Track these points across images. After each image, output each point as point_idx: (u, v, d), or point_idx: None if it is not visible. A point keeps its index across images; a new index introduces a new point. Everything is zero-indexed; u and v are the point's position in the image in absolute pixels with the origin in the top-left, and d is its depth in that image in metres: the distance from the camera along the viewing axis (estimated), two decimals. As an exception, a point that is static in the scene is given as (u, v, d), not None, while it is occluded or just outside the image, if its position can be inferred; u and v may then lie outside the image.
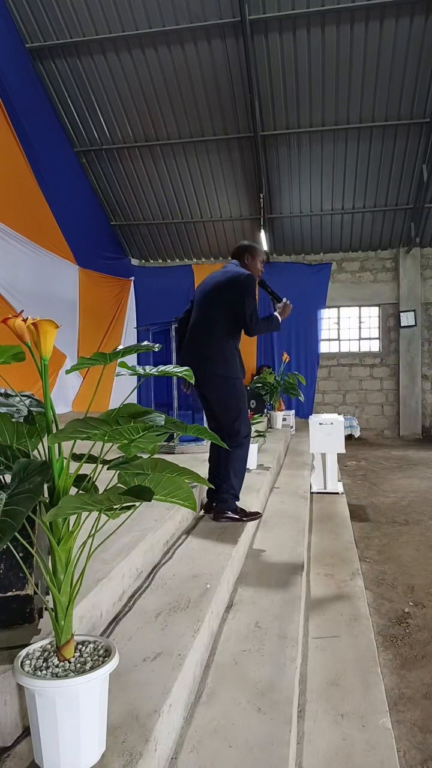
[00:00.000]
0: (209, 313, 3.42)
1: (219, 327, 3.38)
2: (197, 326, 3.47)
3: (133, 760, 1.30)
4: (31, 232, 8.39)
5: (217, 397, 3.40)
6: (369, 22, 8.02)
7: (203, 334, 3.41)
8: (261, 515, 3.64)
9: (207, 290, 3.49)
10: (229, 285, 3.37)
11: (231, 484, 3.39)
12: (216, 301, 3.40)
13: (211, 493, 3.48)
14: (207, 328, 3.40)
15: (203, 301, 3.49)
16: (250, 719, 1.67)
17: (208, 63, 8.74)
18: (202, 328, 3.43)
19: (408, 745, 2.14)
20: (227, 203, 11.17)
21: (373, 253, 12.30)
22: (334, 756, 1.71)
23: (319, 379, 12.51)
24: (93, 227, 10.95)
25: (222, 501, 3.36)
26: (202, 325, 3.44)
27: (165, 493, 1.38)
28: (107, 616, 2.01)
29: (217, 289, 3.43)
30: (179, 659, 1.75)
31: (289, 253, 12.48)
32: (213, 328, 3.39)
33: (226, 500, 3.37)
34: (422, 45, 8.20)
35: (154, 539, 2.67)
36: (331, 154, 10.05)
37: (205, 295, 3.48)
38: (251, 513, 3.45)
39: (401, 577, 4.04)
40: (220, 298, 3.39)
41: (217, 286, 3.43)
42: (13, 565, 1.53)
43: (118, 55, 8.77)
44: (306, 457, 6.75)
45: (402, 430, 12.26)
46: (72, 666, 1.28)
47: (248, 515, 3.42)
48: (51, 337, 1.30)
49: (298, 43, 8.34)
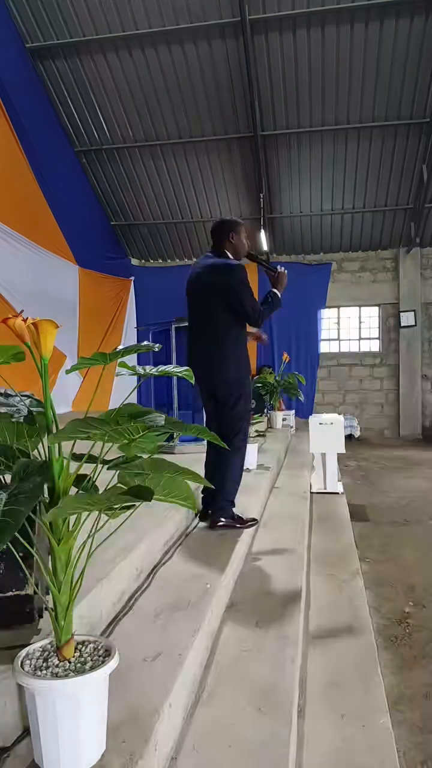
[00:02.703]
0: (210, 317, 3.28)
1: (224, 330, 3.26)
2: (202, 331, 3.34)
3: (133, 760, 1.30)
4: (31, 232, 8.38)
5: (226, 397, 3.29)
6: (369, 22, 8.02)
7: (211, 340, 3.28)
8: (258, 522, 3.57)
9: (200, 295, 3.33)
10: (221, 286, 3.22)
11: (228, 491, 3.28)
12: (214, 306, 3.26)
13: (206, 501, 3.37)
14: (213, 333, 3.27)
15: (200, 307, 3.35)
16: (250, 719, 1.67)
17: (208, 63, 8.74)
18: (207, 333, 3.30)
19: (408, 745, 2.14)
20: (227, 203, 11.17)
21: (373, 253, 12.29)
22: (334, 756, 1.71)
23: (319, 379, 12.51)
24: (93, 227, 10.94)
25: (219, 508, 3.25)
26: (207, 329, 3.30)
27: (165, 493, 1.38)
28: (107, 616, 2.01)
29: (210, 293, 3.26)
30: (179, 659, 1.75)
31: (289, 253, 12.48)
32: (218, 332, 3.26)
33: (224, 507, 3.26)
34: (422, 45, 8.20)
35: (154, 539, 2.67)
36: (331, 154, 10.05)
37: (200, 299, 3.33)
38: (248, 520, 3.35)
39: (401, 577, 4.04)
40: (217, 303, 3.24)
41: (208, 291, 3.27)
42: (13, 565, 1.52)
43: (118, 55, 8.77)
44: (306, 457, 6.75)
45: (402, 430, 12.25)
46: (72, 666, 1.28)
47: (245, 522, 3.31)
48: (51, 337, 1.30)
49: (298, 43, 8.34)
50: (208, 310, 3.29)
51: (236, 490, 3.35)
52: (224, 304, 3.24)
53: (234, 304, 3.23)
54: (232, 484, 3.30)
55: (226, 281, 3.22)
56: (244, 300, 3.20)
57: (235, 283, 3.20)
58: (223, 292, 3.22)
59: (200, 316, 3.37)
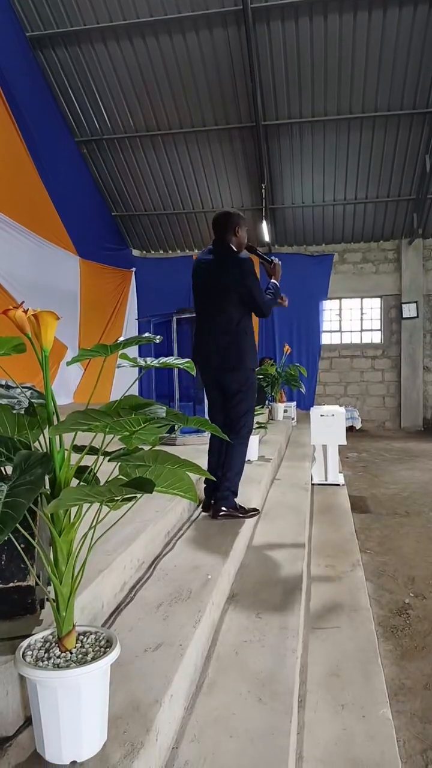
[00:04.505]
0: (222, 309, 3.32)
1: (236, 321, 3.31)
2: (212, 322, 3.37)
3: (135, 749, 1.30)
4: (32, 222, 8.36)
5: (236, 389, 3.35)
6: (372, 11, 7.94)
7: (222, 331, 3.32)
8: (259, 512, 3.61)
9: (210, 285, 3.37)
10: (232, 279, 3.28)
11: (231, 482, 3.34)
12: (225, 298, 3.31)
13: (209, 491, 3.42)
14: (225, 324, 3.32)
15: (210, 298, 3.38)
16: (250, 709, 1.68)
17: (209, 52, 8.67)
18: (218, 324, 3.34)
19: (408, 735, 2.16)
20: (229, 193, 11.12)
21: (375, 244, 12.25)
22: (335, 746, 1.72)
23: (321, 370, 12.50)
24: (94, 218, 10.90)
25: (221, 498, 3.30)
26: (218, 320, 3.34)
27: (166, 484, 1.38)
28: (108, 607, 2.02)
29: (220, 285, 3.32)
30: (180, 650, 1.75)
31: (290, 244, 12.44)
32: (230, 324, 3.31)
33: (226, 497, 3.31)
34: (425, 34, 8.13)
35: (156, 530, 2.67)
36: (333, 144, 9.99)
37: (210, 291, 3.37)
38: (250, 509, 3.40)
39: (402, 568, 4.05)
40: (228, 295, 3.30)
41: (219, 283, 3.33)
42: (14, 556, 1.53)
43: (119, 44, 8.71)
44: (307, 449, 6.75)
45: (403, 422, 12.26)
46: (73, 657, 1.29)
47: (247, 512, 3.36)
48: (52, 328, 1.29)
49: (300, 32, 8.27)
50: (219, 302, 3.34)
51: (239, 480, 3.40)
52: (235, 297, 3.30)
53: (245, 296, 3.29)
54: (236, 474, 3.36)
55: (237, 274, 3.28)
56: (255, 293, 3.28)
57: (246, 276, 3.28)
58: (234, 285, 3.29)
59: (210, 308, 3.40)
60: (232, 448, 3.32)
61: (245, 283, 3.27)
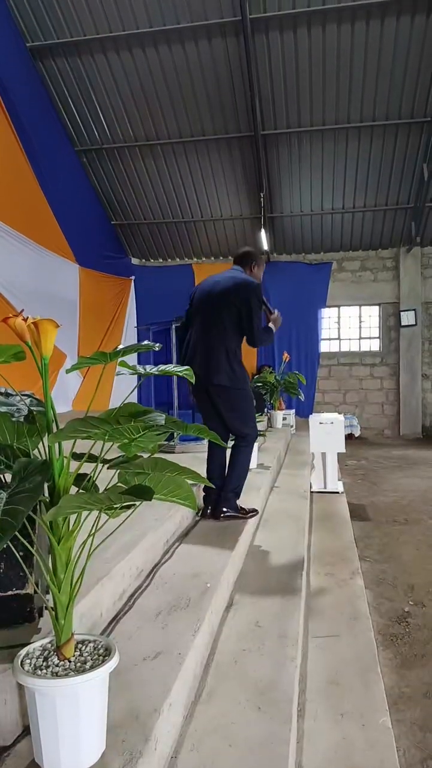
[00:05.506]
0: (218, 321, 3.36)
1: (228, 336, 3.35)
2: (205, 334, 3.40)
3: (133, 759, 1.30)
4: (32, 231, 8.38)
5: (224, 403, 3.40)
6: (370, 21, 8.00)
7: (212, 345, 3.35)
8: (258, 512, 3.68)
9: (213, 295, 3.40)
10: (239, 292, 3.33)
11: (235, 485, 3.43)
12: (224, 308, 3.34)
13: (207, 499, 3.49)
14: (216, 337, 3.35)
15: (210, 307, 3.41)
16: (250, 718, 1.67)
17: (208, 62, 8.73)
18: (210, 336, 3.37)
19: (408, 744, 2.15)
20: (228, 202, 11.17)
21: (373, 253, 12.29)
22: (334, 755, 1.72)
23: (320, 378, 12.50)
24: (93, 226, 10.93)
25: (225, 500, 3.39)
26: (211, 333, 3.37)
27: (165, 492, 1.38)
28: (107, 615, 2.01)
29: (225, 294, 3.36)
30: (179, 658, 1.75)
31: (289, 253, 12.47)
32: (222, 337, 3.34)
33: (229, 499, 3.41)
34: (423, 44, 8.18)
35: (155, 538, 2.67)
36: (331, 153, 10.04)
37: (212, 300, 3.40)
38: (250, 510, 3.50)
39: (401, 576, 4.04)
40: (228, 306, 3.33)
41: (225, 293, 3.36)
42: (13, 564, 1.53)
43: (118, 54, 8.76)
44: (306, 457, 6.74)
45: (402, 430, 12.25)
46: (72, 665, 1.28)
47: (247, 513, 3.46)
48: (51, 336, 1.30)
49: (298, 42, 8.33)
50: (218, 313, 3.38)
51: (243, 483, 3.50)
52: (234, 311, 3.36)
53: (243, 314, 3.35)
54: (238, 479, 3.45)
55: (246, 290, 3.36)
56: (254, 315, 3.35)
57: (252, 296, 3.35)
58: (237, 297, 3.34)
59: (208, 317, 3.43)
60: (237, 450, 3.44)
61: (249, 303, 3.32)
